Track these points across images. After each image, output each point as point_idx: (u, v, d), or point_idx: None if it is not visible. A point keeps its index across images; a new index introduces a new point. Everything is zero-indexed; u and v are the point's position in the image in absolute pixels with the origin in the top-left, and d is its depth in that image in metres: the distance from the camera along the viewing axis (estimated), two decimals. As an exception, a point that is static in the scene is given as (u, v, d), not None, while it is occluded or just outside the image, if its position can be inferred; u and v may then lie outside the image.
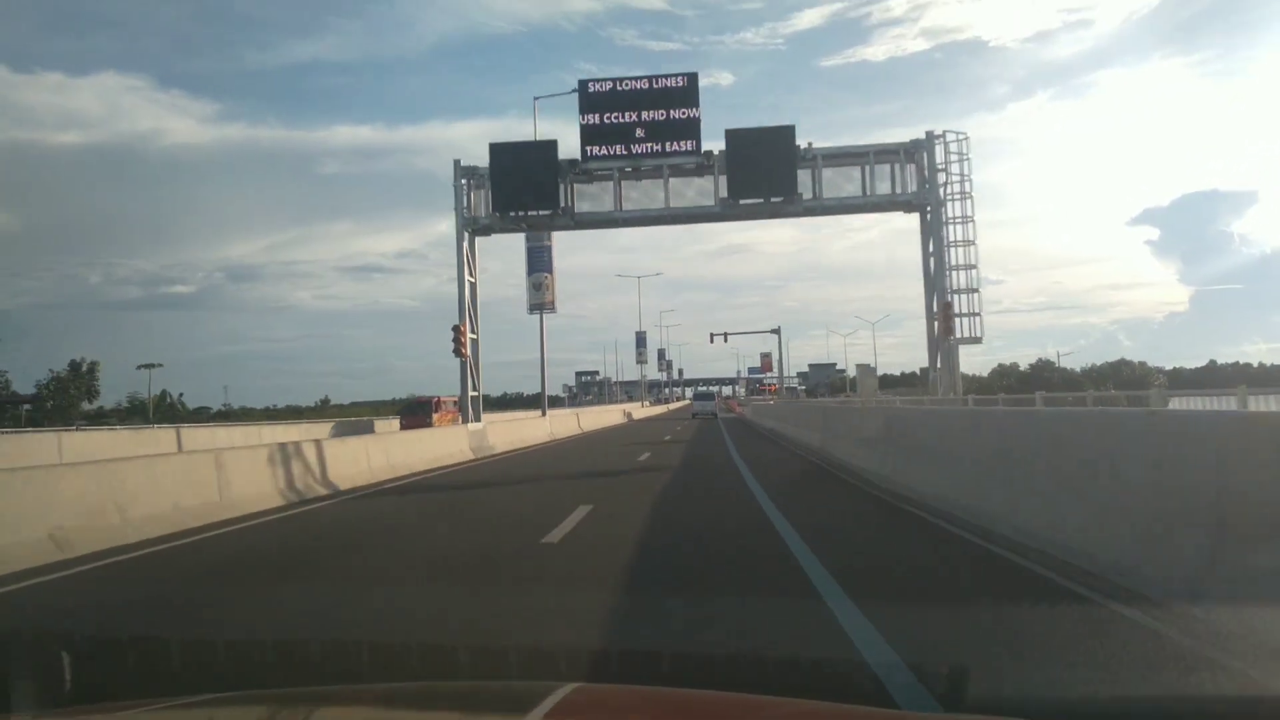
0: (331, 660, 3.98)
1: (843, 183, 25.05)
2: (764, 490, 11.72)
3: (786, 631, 4.83)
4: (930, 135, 24.55)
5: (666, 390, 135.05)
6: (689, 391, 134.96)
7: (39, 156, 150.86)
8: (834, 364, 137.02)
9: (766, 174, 24.38)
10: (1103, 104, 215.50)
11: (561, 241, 38.94)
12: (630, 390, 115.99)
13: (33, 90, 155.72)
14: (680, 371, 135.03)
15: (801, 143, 24.76)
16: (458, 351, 24.61)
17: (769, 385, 69.04)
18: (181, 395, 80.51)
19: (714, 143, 25.35)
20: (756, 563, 6.89)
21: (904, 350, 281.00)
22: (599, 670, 3.85)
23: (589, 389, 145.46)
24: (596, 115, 25.17)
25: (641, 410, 68.07)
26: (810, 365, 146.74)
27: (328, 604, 5.84)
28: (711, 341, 43.55)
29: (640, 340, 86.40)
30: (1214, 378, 71.69)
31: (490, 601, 5.76)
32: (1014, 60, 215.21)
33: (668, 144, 24.91)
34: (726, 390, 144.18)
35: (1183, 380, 70.97)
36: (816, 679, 3.48)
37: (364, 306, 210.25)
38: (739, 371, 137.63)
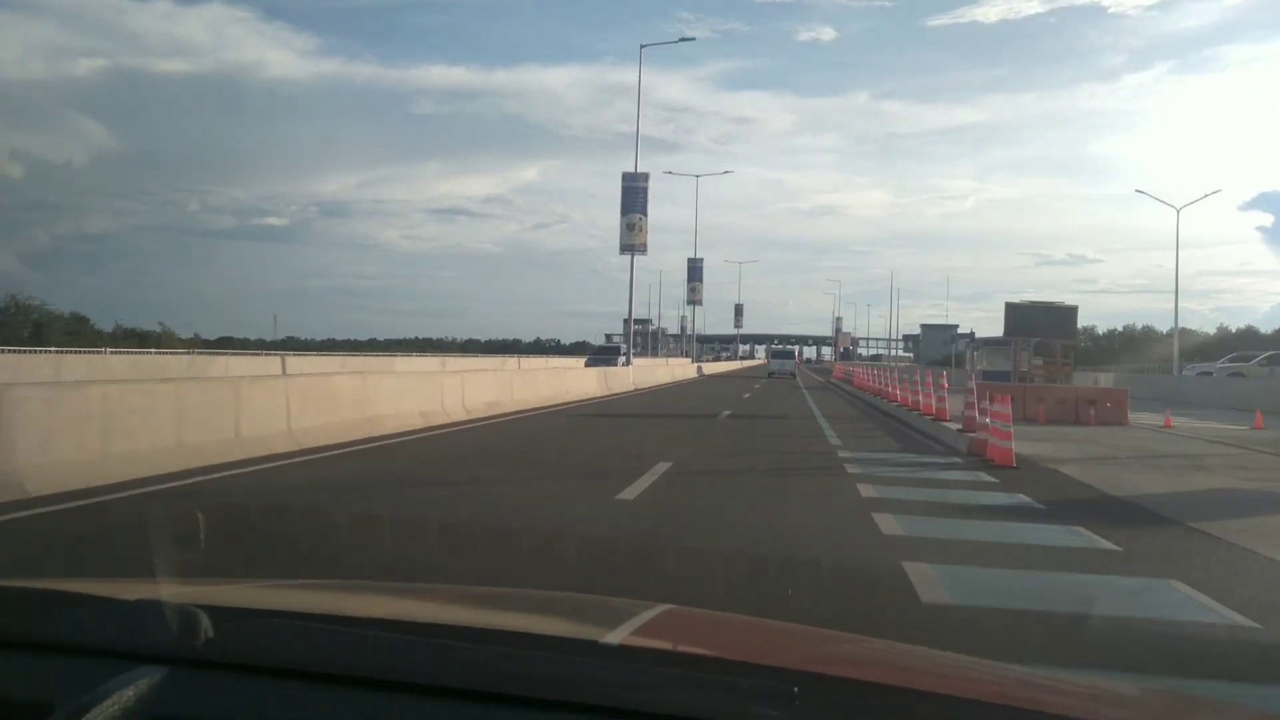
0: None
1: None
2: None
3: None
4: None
5: (731, 347, 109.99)
6: (760, 350, 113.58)
7: (146, 82, 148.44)
8: (955, 325, 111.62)
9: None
10: (1226, 80, 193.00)
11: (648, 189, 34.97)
12: (688, 345, 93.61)
13: (144, 16, 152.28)
14: (739, 309, 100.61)
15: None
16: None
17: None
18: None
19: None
20: None
21: (995, 324, 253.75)
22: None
23: (635, 340, 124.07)
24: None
25: (670, 370, 44.53)
26: (923, 326, 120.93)
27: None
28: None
29: (694, 271, 64.92)
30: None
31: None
32: (1133, 29, 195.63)
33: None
34: (809, 352, 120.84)
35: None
36: None
37: (448, 249, 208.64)
38: (838, 328, 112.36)
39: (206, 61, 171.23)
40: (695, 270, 62.00)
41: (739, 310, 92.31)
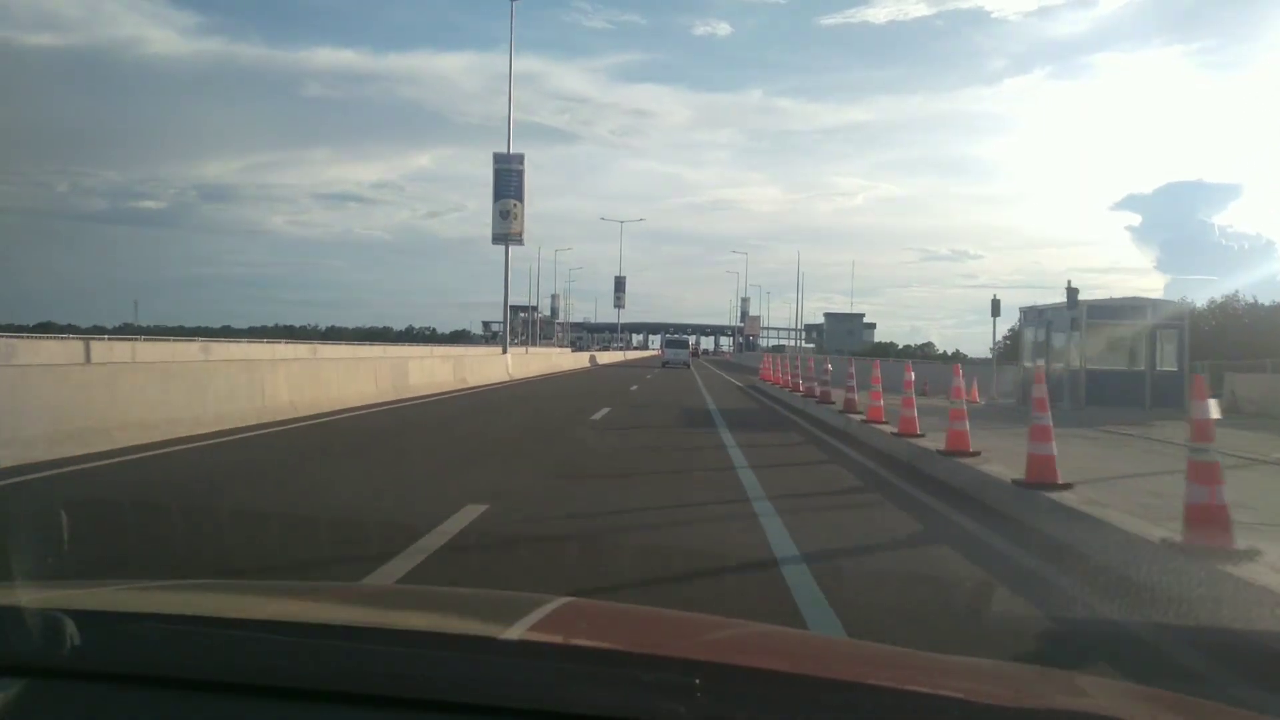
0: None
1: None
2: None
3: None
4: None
5: (623, 336, 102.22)
6: (655, 340, 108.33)
7: (12, 56, 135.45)
8: (861, 314, 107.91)
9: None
10: (1098, 86, 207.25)
11: (546, 181, 17.30)
12: (582, 333, 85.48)
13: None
14: (620, 283, 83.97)
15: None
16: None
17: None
18: None
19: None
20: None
21: (881, 318, 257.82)
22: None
23: (516, 329, 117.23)
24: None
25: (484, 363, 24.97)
26: (826, 315, 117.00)
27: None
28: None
29: (505, 181, 29.50)
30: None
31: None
32: (1014, 34, 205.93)
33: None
34: (707, 343, 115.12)
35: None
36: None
37: (337, 236, 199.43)
38: (745, 310, 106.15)
39: (79, 36, 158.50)
40: (508, 179, 29.43)
41: (620, 284, 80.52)
